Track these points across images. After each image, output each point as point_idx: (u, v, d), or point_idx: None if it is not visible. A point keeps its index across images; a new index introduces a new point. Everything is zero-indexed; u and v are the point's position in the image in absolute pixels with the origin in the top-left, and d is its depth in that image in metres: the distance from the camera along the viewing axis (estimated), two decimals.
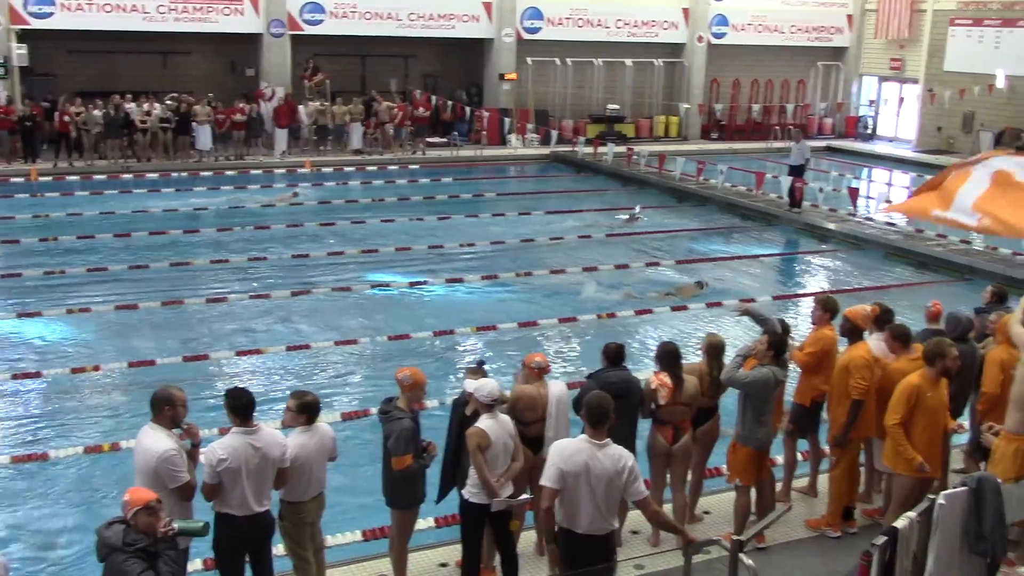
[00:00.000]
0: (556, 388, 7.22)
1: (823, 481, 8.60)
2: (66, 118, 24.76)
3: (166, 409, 6.05)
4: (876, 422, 7.69)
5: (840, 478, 7.84)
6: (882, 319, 8.22)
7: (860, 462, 8.31)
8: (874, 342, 8.09)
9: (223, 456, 6.04)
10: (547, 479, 5.83)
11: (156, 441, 5.94)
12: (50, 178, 23.88)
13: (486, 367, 7.33)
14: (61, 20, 26.34)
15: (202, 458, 6.16)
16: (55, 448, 9.81)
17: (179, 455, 5.96)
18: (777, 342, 7.59)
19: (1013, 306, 9.38)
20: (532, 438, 7.07)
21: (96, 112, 24.86)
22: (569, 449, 5.84)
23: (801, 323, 8.63)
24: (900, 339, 7.88)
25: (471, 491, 6.59)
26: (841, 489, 7.84)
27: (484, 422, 6.50)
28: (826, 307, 8.33)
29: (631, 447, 7.48)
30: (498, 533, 6.81)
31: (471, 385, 6.59)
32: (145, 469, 5.91)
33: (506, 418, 6.70)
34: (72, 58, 28.41)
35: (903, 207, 6.05)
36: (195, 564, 7.21)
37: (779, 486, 8.46)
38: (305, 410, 6.50)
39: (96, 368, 11.89)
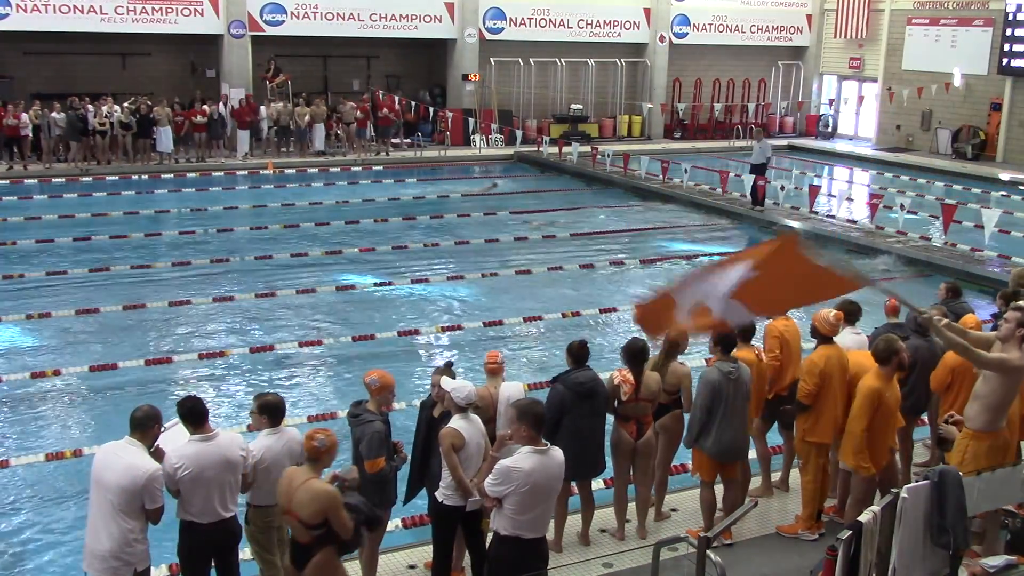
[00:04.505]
0: (507, 389, 7.21)
1: (795, 476, 8.67)
2: (11, 121, 24.15)
3: (156, 427, 5.98)
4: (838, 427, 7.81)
5: (811, 481, 7.91)
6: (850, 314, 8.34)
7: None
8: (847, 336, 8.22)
9: (177, 464, 5.98)
10: (492, 492, 5.89)
11: (142, 459, 5.84)
12: (6, 181, 23.52)
13: (453, 368, 7.30)
14: (16, 21, 25.90)
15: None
16: (15, 455, 9.65)
17: (162, 475, 5.91)
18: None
19: (967, 301, 9.58)
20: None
21: (55, 115, 24.47)
22: (520, 464, 5.85)
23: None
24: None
25: (444, 493, 6.54)
26: (813, 492, 7.91)
27: (457, 423, 6.47)
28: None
29: (600, 445, 7.54)
30: (469, 534, 6.79)
31: (449, 386, 6.53)
32: (130, 487, 5.75)
33: (477, 419, 6.67)
34: (29, 60, 27.96)
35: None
36: (161, 571, 7.15)
37: (757, 480, 8.56)
38: (265, 410, 6.43)
39: (56, 373, 11.72)
